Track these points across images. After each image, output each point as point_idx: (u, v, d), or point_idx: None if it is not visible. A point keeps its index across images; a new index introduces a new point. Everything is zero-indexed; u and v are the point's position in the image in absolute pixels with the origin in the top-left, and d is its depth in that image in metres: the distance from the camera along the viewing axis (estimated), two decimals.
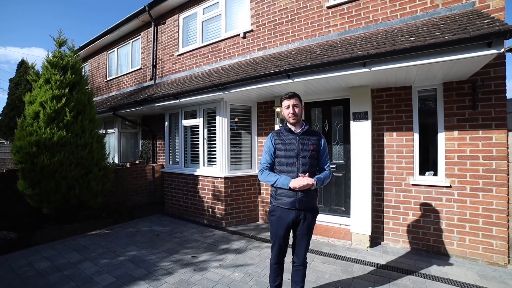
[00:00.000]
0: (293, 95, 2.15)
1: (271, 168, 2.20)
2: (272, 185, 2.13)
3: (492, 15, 2.86)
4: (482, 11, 3.17)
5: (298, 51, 4.28)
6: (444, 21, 3.15)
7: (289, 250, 2.28)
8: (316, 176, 2.08)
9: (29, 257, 3.44)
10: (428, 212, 3.56)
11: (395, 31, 3.45)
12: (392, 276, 2.95)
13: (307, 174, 2.02)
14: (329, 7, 4.37)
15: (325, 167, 2.19)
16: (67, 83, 4.54)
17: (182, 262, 3.33)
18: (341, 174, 4.40)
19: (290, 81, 3.48)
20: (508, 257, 3.11)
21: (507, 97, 3.13)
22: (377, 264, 3.24)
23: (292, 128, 2.18)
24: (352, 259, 3.38)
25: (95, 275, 2.97)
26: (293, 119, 2.14)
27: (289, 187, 2.00)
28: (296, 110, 2.13)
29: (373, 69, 2.90)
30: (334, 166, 4.40)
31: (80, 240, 4.07)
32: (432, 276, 2.93)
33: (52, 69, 4.52)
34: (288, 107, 2.13)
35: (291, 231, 2.18)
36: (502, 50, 2.34)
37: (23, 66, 10.76)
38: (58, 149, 4.28)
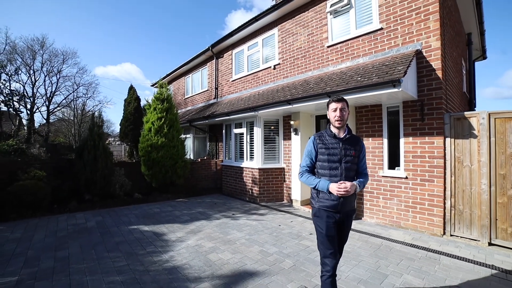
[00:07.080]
0: (341, 99, 2.10)
1: (311, 171, 2.20)
2: (313, 188, 2.14)
3: (408, 61, 4.11)
4: (426, 49, 4.39)
5: (303, 82, 6.08)
6: (390, 62, 4.51)
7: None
8: (358, 180, 2.09)
9: (148, 207, 6.40)
10: (393, 197, 4.87)
11: (360, 68, 4.93)
12: (352, 234, 4.52)
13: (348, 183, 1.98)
14: (328, 46, 5.98)
15: (364, 171, 2.20)
16: (164, 109, 7.53)
17: (226, 216, 5.64)
18: None
19: (290, 106, 5.36)
20: (444, 230, 4.24)
21: (445, 112, 4.25)
22: None
23: (336, 132, 2.13)
24: None
25: (180, 216, 5.57)
26: (339, 123, 2.08)
27: (328, 191, 2.01)
28: (344, 113, 2.08)
29: None
30: None
31: (171, 203, 6.91)
32: (379, 235, 4.37)
33: (156, 101, 7.59)
34: (335, 110, 2.08)
35: None
36: (401, 89, 3.72)
37: (132, 89, 14.70)
38: (160, 149, 7.25)
